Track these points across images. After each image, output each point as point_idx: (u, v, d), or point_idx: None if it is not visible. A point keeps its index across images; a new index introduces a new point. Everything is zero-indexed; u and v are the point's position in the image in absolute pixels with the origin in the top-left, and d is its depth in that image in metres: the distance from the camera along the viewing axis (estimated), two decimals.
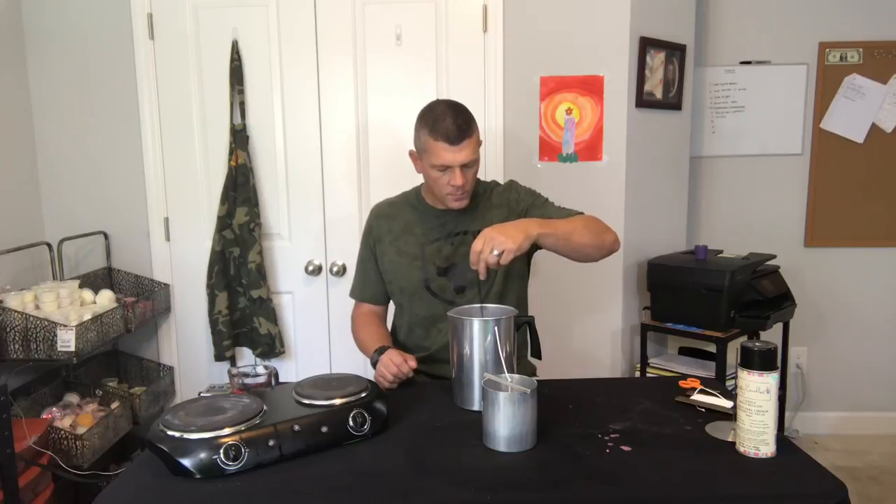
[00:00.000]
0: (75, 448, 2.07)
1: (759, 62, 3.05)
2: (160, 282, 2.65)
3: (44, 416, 2.18)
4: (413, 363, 1.61)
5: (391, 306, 1.92)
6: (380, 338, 1.77)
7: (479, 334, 1.45)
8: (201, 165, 2.61)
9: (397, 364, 1.59)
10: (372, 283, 1.87)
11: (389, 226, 1.83)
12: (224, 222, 2.54)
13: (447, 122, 1.61)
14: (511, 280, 1.78)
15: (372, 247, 1.85)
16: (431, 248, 1.78)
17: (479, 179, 1.82)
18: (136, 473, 1.21)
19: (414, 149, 1.73)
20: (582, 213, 1.73)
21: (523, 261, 1.83)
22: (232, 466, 1.17)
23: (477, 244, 1.45)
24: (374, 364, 1.68)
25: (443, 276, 1.76)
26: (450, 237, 1.77)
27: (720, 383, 1.79)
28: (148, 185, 2.63)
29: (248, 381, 1.49)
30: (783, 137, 3.10)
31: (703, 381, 1.57)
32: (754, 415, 1.20)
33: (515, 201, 1.79)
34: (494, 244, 1.43)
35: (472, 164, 1.67)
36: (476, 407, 1.45)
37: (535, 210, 1.77)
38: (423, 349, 1.79)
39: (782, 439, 1.24)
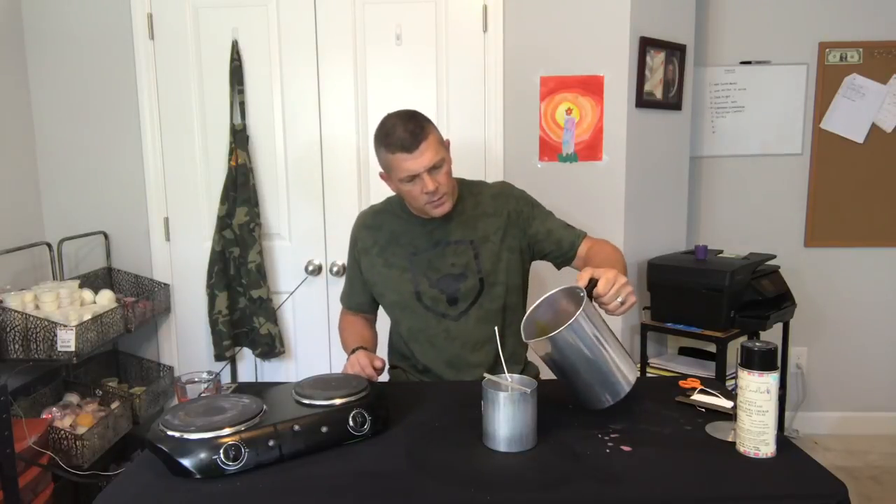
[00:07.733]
0: (75, 448, 2.07)
1: (759, 62, 3.05)
2: (160, 282, 2.65)
3: (44, 416, 2.18)
4: (378, 363, 1.57)
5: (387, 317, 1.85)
6: (359, 338, 1.73)
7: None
8: (201, 165, 2.62)
9: (362, 365, 1.55)
10: (357, 293, 1.83)
11: (374, 237, 1.76)
12: (224, 222, 2.54)
13: (398, 131, 1.57)
14: (511, 293, 1.73)
15: (357, 258, 1.80)
16: (420, 258, 1.72)
17: (463, 179, 1.78)
18: (136, 473, 1.20)
19: (382, 171, 1.68)
20: (585, 233, 1.72)
21: (523, 275, 1.77)
22: (232, 466, 1.17)
23: (607, 286, 1.34)
24: None
25: (434, 287, 1.71)
26: (438, 246, 1.71)
27: (720, 383, 1.79)
28: (148, 185, 2.63)
29: (191, 387, 1.48)
30: (783, 137, 3.10)
31: (703, 381, 1.57)
32: (754, 415, 1.20)
33: (515, 212, 1.72)
34: (622, 293, 1.36)
35: (439, 165, 1.59)
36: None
37: (537, 223, 1.72)
38: (421, 364, 1.76)
39: (782, 439, 1.24)
